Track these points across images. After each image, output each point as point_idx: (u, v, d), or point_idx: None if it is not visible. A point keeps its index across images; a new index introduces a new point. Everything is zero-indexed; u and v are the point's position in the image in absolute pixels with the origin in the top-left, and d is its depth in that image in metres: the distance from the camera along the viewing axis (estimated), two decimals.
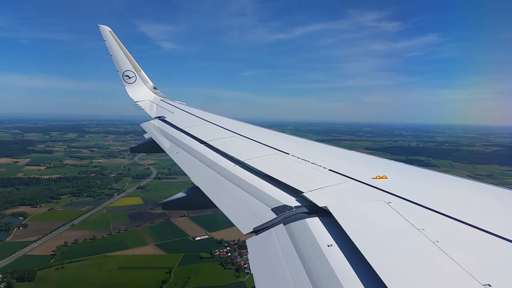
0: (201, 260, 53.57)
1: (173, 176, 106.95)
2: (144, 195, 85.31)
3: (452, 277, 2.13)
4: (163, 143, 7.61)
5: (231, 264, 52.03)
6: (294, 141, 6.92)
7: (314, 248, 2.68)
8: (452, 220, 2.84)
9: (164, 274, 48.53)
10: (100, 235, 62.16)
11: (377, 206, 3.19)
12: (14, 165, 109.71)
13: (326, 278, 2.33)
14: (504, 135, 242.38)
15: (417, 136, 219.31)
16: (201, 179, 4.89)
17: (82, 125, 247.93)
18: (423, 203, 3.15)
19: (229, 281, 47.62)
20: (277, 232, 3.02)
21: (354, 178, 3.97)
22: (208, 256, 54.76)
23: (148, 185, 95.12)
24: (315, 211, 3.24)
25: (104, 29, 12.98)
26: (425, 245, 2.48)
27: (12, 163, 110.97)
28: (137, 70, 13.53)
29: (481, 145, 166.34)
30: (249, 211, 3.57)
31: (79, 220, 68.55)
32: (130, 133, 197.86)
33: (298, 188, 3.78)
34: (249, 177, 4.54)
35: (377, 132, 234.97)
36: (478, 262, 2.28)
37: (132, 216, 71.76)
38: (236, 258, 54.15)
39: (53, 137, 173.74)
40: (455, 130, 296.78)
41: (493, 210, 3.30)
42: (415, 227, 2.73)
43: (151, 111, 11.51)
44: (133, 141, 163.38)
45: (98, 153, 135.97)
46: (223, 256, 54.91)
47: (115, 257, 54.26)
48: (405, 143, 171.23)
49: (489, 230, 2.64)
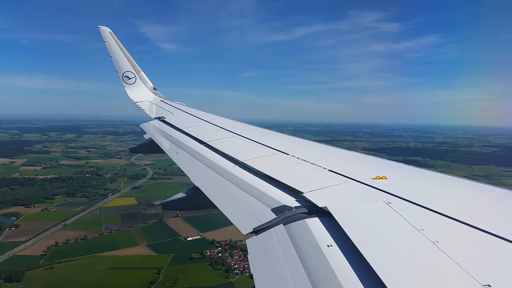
0: (191, 261, 53.48)
1: (169, 176, 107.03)
2: (139, 196, 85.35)
3: (452, 277, 2.13)
4: (163, 143, 7.61)
5: (221, 265, 51.99)
6: (293, 141, 6.93)
7: (314, 248, 2.68)
8: (452, 220, 2.84)
9: (153, 274, 48.46)
10: (92, 235, 62.16)
11: (377, 207, 3.20)
12: (10, 165, 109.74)
13: (326, 278, 2.33)
14: (504, 136, 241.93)
15: (416, 137, 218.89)
16: (201, 179, 4.90)
17: (82, 125, 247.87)
18: (423, 203, 3.16)
19: (218, 281, 47.52)
20: (277, 232, 3.02)
21: (354, 179, 3.98)
22: (198, 257, 54.73)
23: (143, 185, 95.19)
24: (315, 212, 3.25)
25: (104, 30, 13.01)
26: (425, 245, 2.48)
27: (8, 163, 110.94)
28: (137, 71, 13.57)
29: (480, 146, 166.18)
30: (249, 211, 3.57)
31: (71, 220, 68.55)
32: (129, 133, 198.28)
33: (297, 188, 3.79)
34: (249, 177, 4.55)
35: (376, 133, 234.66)
36: (478, 262, 2.28)
37: (125, 216, 71.70)
38: (226, 258, 54.15)
39: (51, 137, 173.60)
40: (454, 131, 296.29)
41: (493, 210, 3.31)
42: (415, 227, 2.73)
43: (151, 111, 11.52)
44: (131, 142, 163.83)
45: (95, 153, 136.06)
46: (214, 256, 54.88)
47: (105, 257, 54.20)
48: (403, 144, 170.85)
49: (489, 230, 2.64)
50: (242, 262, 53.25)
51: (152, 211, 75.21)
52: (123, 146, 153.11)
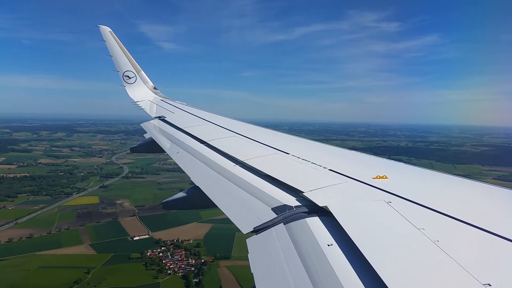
0: (128, 261, 53.19)
1: (143, 175, 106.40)
2: (104, 194, 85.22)
3: (452, 276, 2.13)
4: (163, 143, 7.62)
5: (156, 265, 51.24)
6: (294, 140, 6.90)
7: (314, 248, 2.68)
8: (452, 220, 2.83)
9: (82, 274, 47.80)
10: (39, 234, 61.53)
11: (377, 206, 3.19)
12: None
13: (326, 278, 2.33)
14: (500, 135, 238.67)
15: (411, 136, 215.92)
16: (201, 178, 4.88)
17: (76, 124, 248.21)
18: (424, 203, 3.15)
19: (145, 282, 46.68)
20: (277, 232, 3.02)
21: (354, 178, 3.96)
22: (138, 257, 54.36)
23: (113, 184, 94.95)
24: (315, 211, 3.24)
25: (104, 30, 12.98)
26: (425, 244, 2.48)
27: None
28: (137, 70, 13.56)
29: (471, 145, 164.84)
30: (249, 210, 3.57)
31: (25, 219, 68.30)
32: (120, 132, 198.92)
33: (298, 187, 3.78)
34: (249, 176, 4.54)
35: (371, 132, 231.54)
36: (478, 262, 2.27)
37: (80, 215, 71.41)
38: (165, 258, 53.66)
39: (41, 136, 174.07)
40: (451, 130, 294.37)
41: (493, 210, 3.30)
42: (415, 227, 2.72)
43: (151, 111, 11.54)
44: (119, 141, 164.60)
45: (77, 152, 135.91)
46: (154, 256, 54.09)
47: (41, 256, 53.78)
48: (394, 143, 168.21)
49: (489, 230, 2.63)
50: (180, 262, 52.23)
51: (110, 210, 74.83)
52: (109, 145, 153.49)
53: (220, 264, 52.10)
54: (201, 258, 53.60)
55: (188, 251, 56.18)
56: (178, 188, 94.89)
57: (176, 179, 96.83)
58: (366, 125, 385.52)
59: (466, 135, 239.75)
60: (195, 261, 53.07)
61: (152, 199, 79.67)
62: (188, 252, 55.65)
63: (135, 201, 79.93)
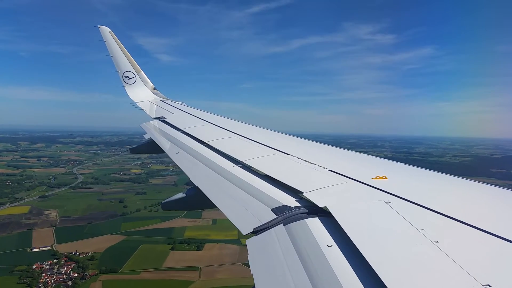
0: (8, 273, 51.59)
1: (92, 185, 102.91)
2: (38, 205, 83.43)
3: (452, 277, 2.12)
4: (163, 143, 7.59)
5: (31, 279, 49.78)
6: (294, 141, 6.86)
7: (314, 249, 2.66)
8: (452, 221, 2.82)
9: None
10: None
11: (377, 206, 3.18)
12: None
13: (326, 279, 2.32)
14: (489, 146, 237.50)
15: (397, 147, 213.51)
16: (201, 179, 4.84)
17: (64, 136, 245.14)
18: (423, 203, 3.13)
19: None
20: (277, 233, 3.00)
21: (354, 178, 3.94)
22: (22, 269, 52.64)
23: (55, 194, 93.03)
24: (315, 212, 3.23)
25: (104, 30, 12.94)
26: (425, 245, 2.47)
27: None
28: (137, 71, 13.47)
29: (451, 156, 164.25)
30: (249, 211, 3.55)
31: None
32: (101, 143, 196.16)
33: (298, 188, 3.77)
34: (249, 177, 4.52)
35: (360, 143, 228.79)
36: (478, 262, 2.26)
37: None
38: (48, 271, 52.43)
39: (19, 147, 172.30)
40: (441, 142, 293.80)
41: (493, 210, 3.28)
42: (415, 227, 2.71)
43: (151, 111, 11.49)
44: (95, 151, 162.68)
45: (42, 162, 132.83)
46: (39, 269, 53.01)
47: None
48: (374, 154, 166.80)
49: (489, 230, 2.62)
50: (60, 275, 51.27)
51: (32, 221, 73.33)
52: (81, 155, 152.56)
53: (100, 278, 51.10)
54: (86, 272, 52.52)
55: (78, 263, 54.94)
56: (118, 199, 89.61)
57: (124, 190, 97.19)
58: (358, 136, 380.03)
59: (455, 146, 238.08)
60: (77, 274, 51.97)
61: (84, 210, 79.45)
62: (77, 265, 54.43)
63: (64, 211, 78.38)
